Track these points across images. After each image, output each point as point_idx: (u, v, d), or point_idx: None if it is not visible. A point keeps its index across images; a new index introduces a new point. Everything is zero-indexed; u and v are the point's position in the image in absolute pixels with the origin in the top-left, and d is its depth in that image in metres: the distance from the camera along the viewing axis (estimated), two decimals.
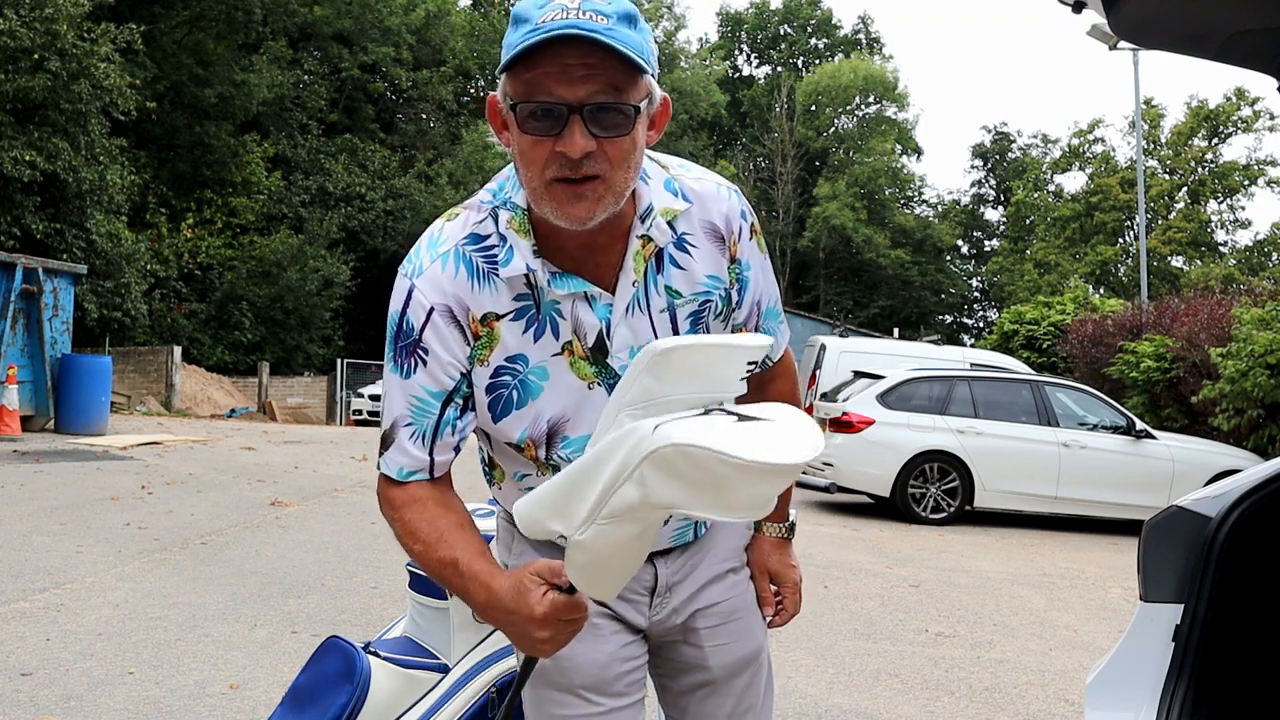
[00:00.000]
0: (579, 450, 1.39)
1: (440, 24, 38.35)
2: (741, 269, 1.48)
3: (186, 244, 27.33)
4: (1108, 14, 1.88)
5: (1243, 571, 2.23)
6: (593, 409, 1.39)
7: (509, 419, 1.42)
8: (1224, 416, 11.04)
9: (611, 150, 1.27)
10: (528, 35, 1.22)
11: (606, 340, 1.39)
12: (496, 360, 1.39)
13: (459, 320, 1.38)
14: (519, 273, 1.36)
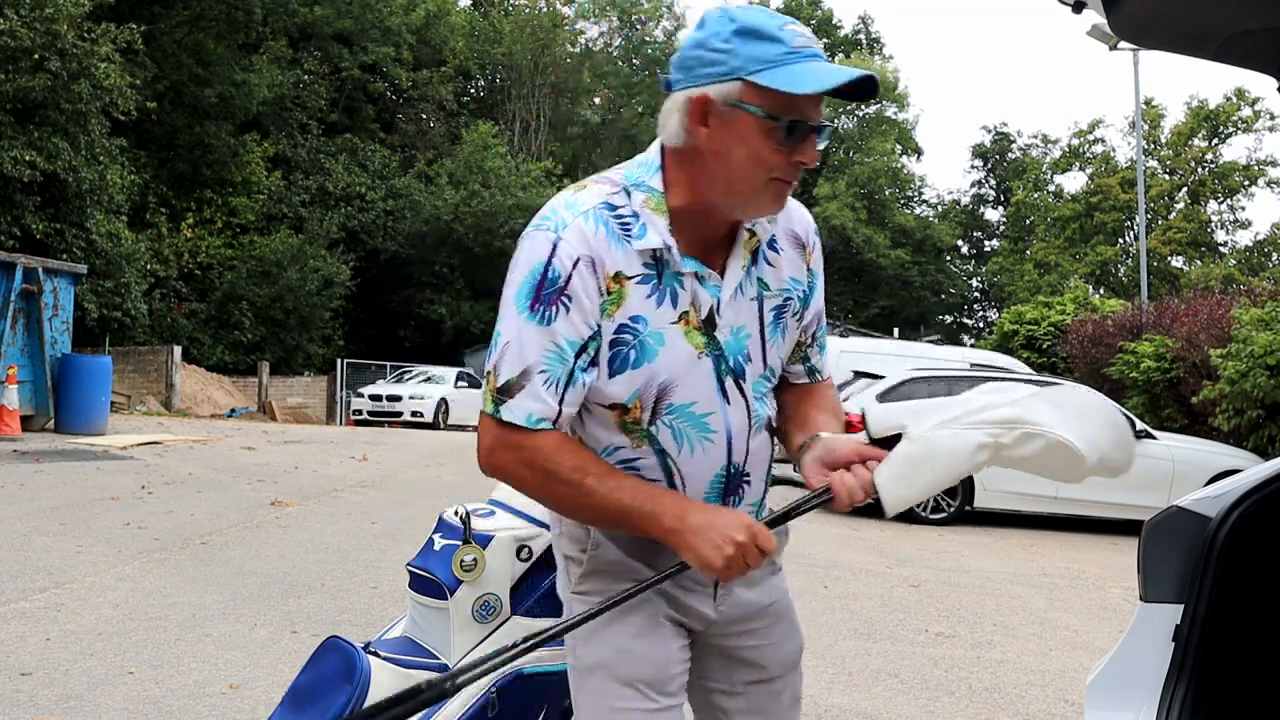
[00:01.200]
0: (683, 415, 1.51)
1: (440, 24, 38.36)
2: (813, 278, 1.65)
3: (186, 244, 27.33)
4: (1108, 14, 1.88)
5: (1243, 571, 2.23)
6: (697, 377, 1.51)
7: (623, 376, 1.49)
8: (1224, 417, 11.03)
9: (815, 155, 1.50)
10: (790, 58, 1.40)
11: (716, 316, 1.52)
12: (621, 318, 1.48)
13: (597, 274, 1.46)
14: (653, 246, 1.48)
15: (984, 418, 1.48)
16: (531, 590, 2.05)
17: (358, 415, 23.67)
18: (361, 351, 30.98)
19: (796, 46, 1.40)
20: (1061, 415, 1.49)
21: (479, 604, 2.00)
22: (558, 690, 2.07)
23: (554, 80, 41.81)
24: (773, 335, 1.59)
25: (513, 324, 1.46)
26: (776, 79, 1.38)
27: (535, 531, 2.07)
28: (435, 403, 23.22)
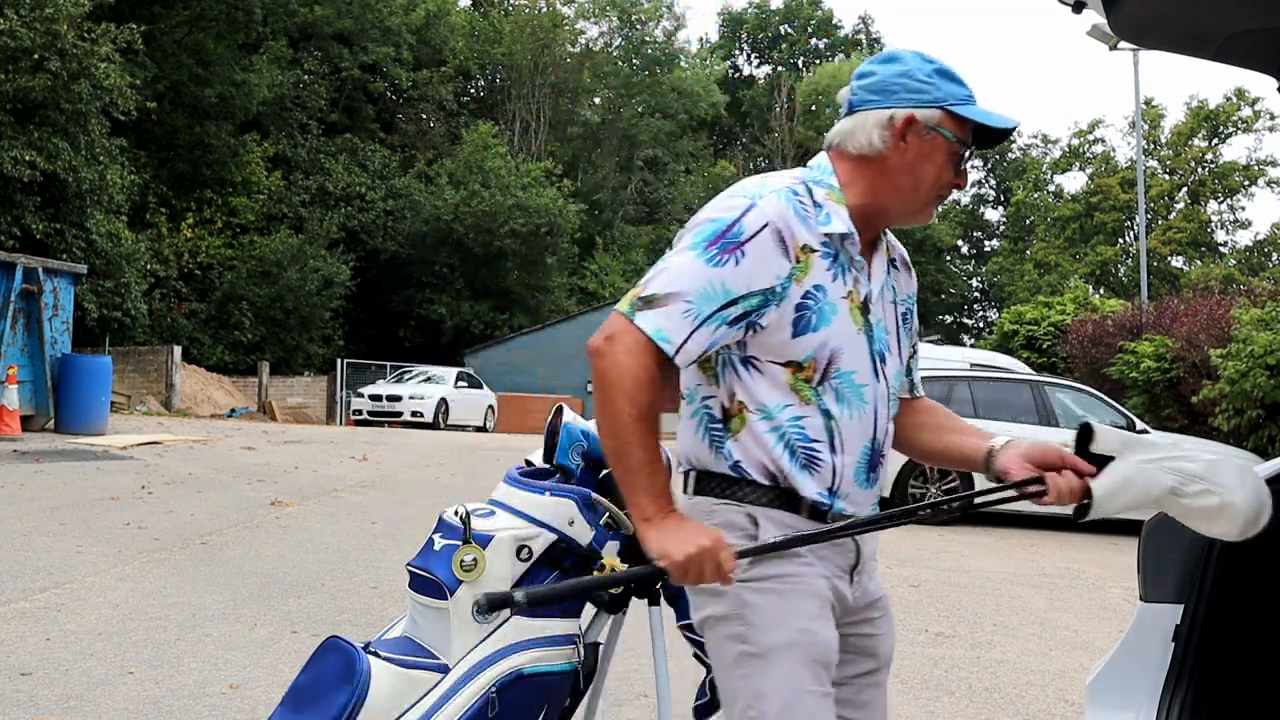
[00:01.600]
0: (847, 382, 1.68)
1: (440, 24, 38.36)
2: (913, 303, 1.85)
3: (186, 244, 27.33)
4: (1108, 14, 1.88)
5: (1243, 571, 2.23)
6: (858, 350, 1.69)
7: (804, 337, 1.65)
8: (1224, 417, 11.03)
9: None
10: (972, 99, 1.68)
11: (870, 304, 1.72)
12: (807, 285, 1.65)
13: (785, 242, 1.63)
14: (839, 231, 1.67)
15: (1179, 466, 1.68)
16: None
17: (358, 415, 23.67)
18: (361, 351, 30.97)
19: (972, 92, 1.69)
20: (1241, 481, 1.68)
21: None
22: (558, 690, 2.07)
23: (554, 80, 41.81)
24: (904, 335, 1.82)
25: (680, 257, 1.62)
26: (972, 113, 1.66)
27: (535, 531, 2.07)
28: (435, 403, 23.21)
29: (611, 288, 37.93)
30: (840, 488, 1.70)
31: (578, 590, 1.65)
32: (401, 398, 23.26)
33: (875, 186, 1.69)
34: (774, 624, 1.63)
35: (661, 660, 2.26)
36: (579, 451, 2.21)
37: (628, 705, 3.83)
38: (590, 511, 2.11)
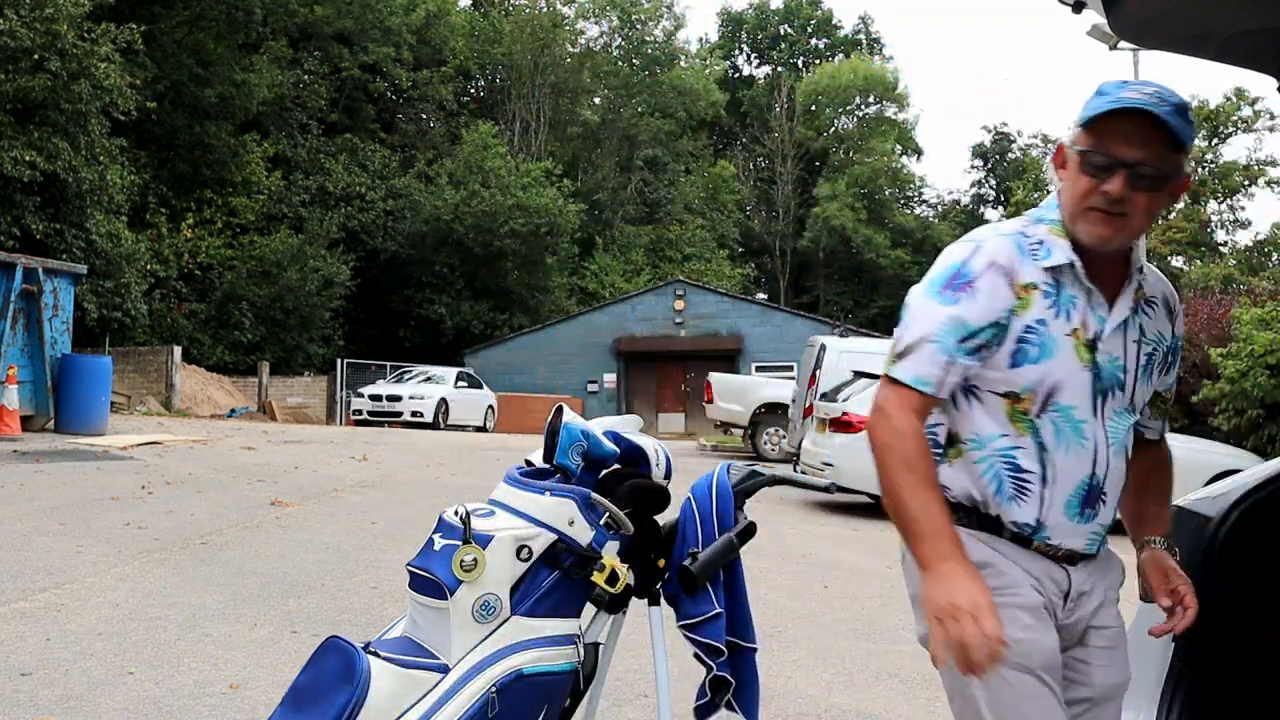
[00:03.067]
0: (1065, 415, 1.75)
1: (440, 24, 38.37)
2: (1177, 342, 1.88)
3: (186, 244, 27.32)
4: (1108, 14, 1.88)
5: (1243, 571, 2.23)
6: (1080, 385, 1.75)
7: (1023, 369, 1.74)
8: (1224, 416, 11.03)
9: (1140, 201, 1.68)
10: (1103, 104, 1.66)
11: (1099, 341, 1.76)
12: (1027, 319, 1.74)
13: (1008, 280, 1.74)
14: (1059, 262, 1.74)
15: None
16: (531, 590, 2.05)
17: (358, 415, 23.67)
18: (361, 351, 30.96)
19: (1121, 97, 1.65)
20: None
21: (479, 604, 2.00)
22: (558, 690, 2.07)
23: (554, 80, 41.81)
24: (1143, 376, 1.82)
25: (921, 303, 1.77)
26: (1088, 109, 1.69)
27: (535, 531, 2.07)
28: (435, 403, 23.21)
29: (611, 288, 37.91)
30: (1048, 519, 1.77)
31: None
32: (401, 398, 23.26)
33: (1065, 214, 1.78)
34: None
35: (661, 660, 2.26)
36: (579, 451, 2.21)
37: (628, 705, 3.83)
38: (590, 511, 2.11)
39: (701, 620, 2.22)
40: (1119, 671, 1.89)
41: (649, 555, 2.27)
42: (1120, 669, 1.89)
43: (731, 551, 2.21)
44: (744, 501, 2.31)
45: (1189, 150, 1.70)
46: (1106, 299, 1.77)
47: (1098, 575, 1.88)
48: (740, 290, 39.32)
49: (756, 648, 2.33)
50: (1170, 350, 1.88)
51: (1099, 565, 1.89)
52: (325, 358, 29.44)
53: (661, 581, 2.29)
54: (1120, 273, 1.79)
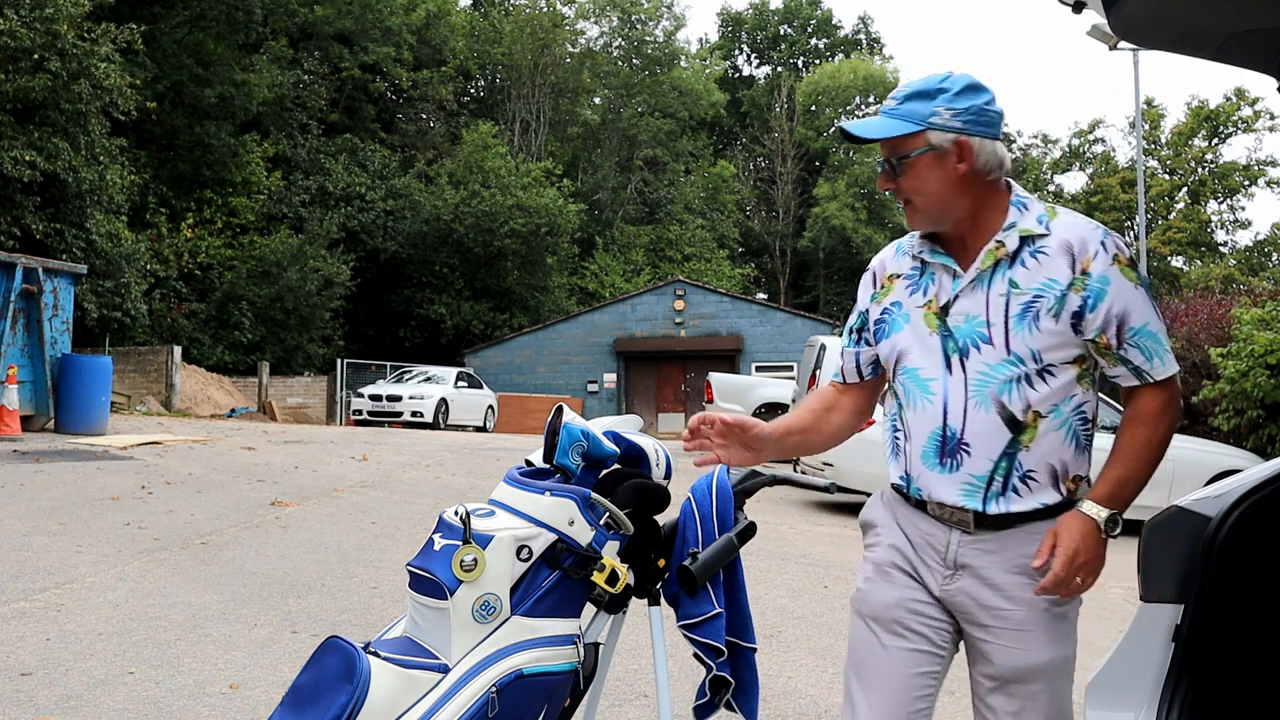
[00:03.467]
0: (912, 376, 2.00)
1: (440, 24, 38.36)
2: (1095, 282, 1.88)
3: (186, 244, 27.31)
4: (1108, 14, 1.88)
5: (1243, 571, 2.23)
6: (926, 348, 1.99)
7: (881, 343, 2.08)
8: (1224, 416, 11.03)
9: (908, 185, 1.96)
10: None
11: (951, 305, 1.96)
12: (886, 303, 2.08)
13: (874, 277, 2.12)
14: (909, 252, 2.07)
15: None
16: (531, 590, 2.05)
17: (358, 415, 23.66)
18: (361, 351, 30.95)
19: (883, 107, 2.00)
20: None
21: (479, 604, 2.00)
22: (558, 690, 2.07)
23: (554, 80, 41.80)
24: (1018, 326, 1.90)
25: None
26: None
27: (535, 531, 2.07)
28: (435, 403, 23.21)
29: (611, 288, 37.92)
30: (912, 471, 2.01)
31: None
32: (401, 398, 23.26)
33: None
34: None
35: (661, 660, 2.26)
36: (579, 451, 2.21)
37: (628, 705, 3.83)
38: (590, 511, 2.11)
39: (701, 620, 2.22)
40: (1028, 654, 1.92)
41: (649, 555, 2.27)
42: (1030, 652, 1.91)
43: (731, 551, 2.21)
44: (744, 501, 2.31)
45: (933, 123, 1.91)
46: (964, 265, 1.97)
47: (987, 555, 1.93)
48: (740, 290, 39.32)
49: (756, 648, 2.33)
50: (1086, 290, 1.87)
51: (988, 544, 1.93)
52: (325, 358, 29.44)
53: (661, 581, 2.29)
54: (984, 240, 1.96)
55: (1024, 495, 1.91)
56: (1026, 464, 1.91)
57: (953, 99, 1.93)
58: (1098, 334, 1.88)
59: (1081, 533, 1.86)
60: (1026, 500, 1.92)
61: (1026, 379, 1.89)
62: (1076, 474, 1.96)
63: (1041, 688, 1.93)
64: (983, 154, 1.94)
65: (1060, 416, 1.91)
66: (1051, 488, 1.93)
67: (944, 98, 1.92)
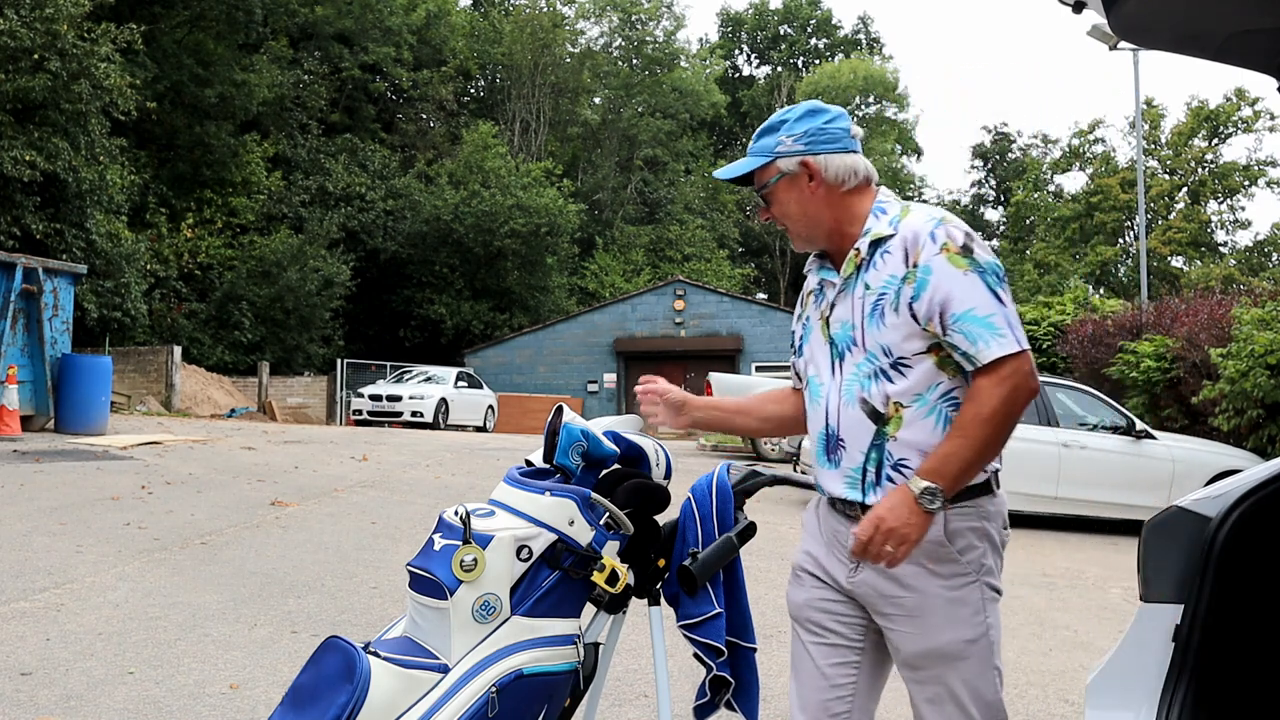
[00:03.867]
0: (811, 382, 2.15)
1: (441, 24, 38.36)
2: (920, 272, 1.95)
3: (186, 244, 27.31)
4: (1108, 14, 1.88)
5: (1243, 571, 2.23)
6: (823, 356, 2.11)
7: (801, 354, 2.22)
8: (1224, 417, 11.01)
9: (777, 211, 2.14)
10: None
11: (829, 313, 2.10)
12: (803, 318, 2.21)
13: (801, 295, 2.25)
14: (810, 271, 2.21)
15: None
16: (531, 590, 2.05)
17: (358, 415, 23.66)
18: (361, 351, 30.94)
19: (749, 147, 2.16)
20: None
21: (479, 604, 2.00)
22: (558, 690, 2.07)
23: (554, 80, 41.79)
24: (870, 324, 2.01)
25: None
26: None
27: (535, 531, 2.07)
28: (435, 403, 23.21)
29: (611, 288, 37.91)
30: (813, 470, 2.15)
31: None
32: (401, 398, 23.25)
33: None
34: None
35: (661, 660, 2.26)
36: (579, 451, 2.21)
37: (628, 705, 3.83)
38: (590, 511, 2.11)
39: (701, 620, 2.22)
40: (927, 639, 1.98)
41: (649, 555, 2.27)
42: (927, 636, 1.98)
43: (731, 551, 2.21)
44: (744, 501, 2.31)
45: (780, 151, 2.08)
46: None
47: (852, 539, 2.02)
48: (740, 290, 39.31)
49: (756, 648, 2.33)
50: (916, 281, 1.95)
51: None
52: (325, 358, 29.44)
53: (661, 581, 2.29)
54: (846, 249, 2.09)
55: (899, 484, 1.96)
56: (897, 453, 1.98)
57: (793, 125, 2.09)
58: (926, 322, 1.94)
59: (892, 502, 1.89)
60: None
61: (883, 373, 1.99)
62: None
63: (946, 672, 1.98)
64: (830, 168, 2.06)
65: (925, 404, 1.97)
66: None
67: (785, 127, 2.10)
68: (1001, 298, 1.93)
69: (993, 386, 1.89)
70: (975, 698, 1.98)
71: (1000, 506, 2.06)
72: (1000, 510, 2.06)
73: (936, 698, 2.01)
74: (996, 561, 2.07)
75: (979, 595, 2.01)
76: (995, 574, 2.06)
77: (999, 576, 2.07)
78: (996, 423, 1.89)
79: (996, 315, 1.91)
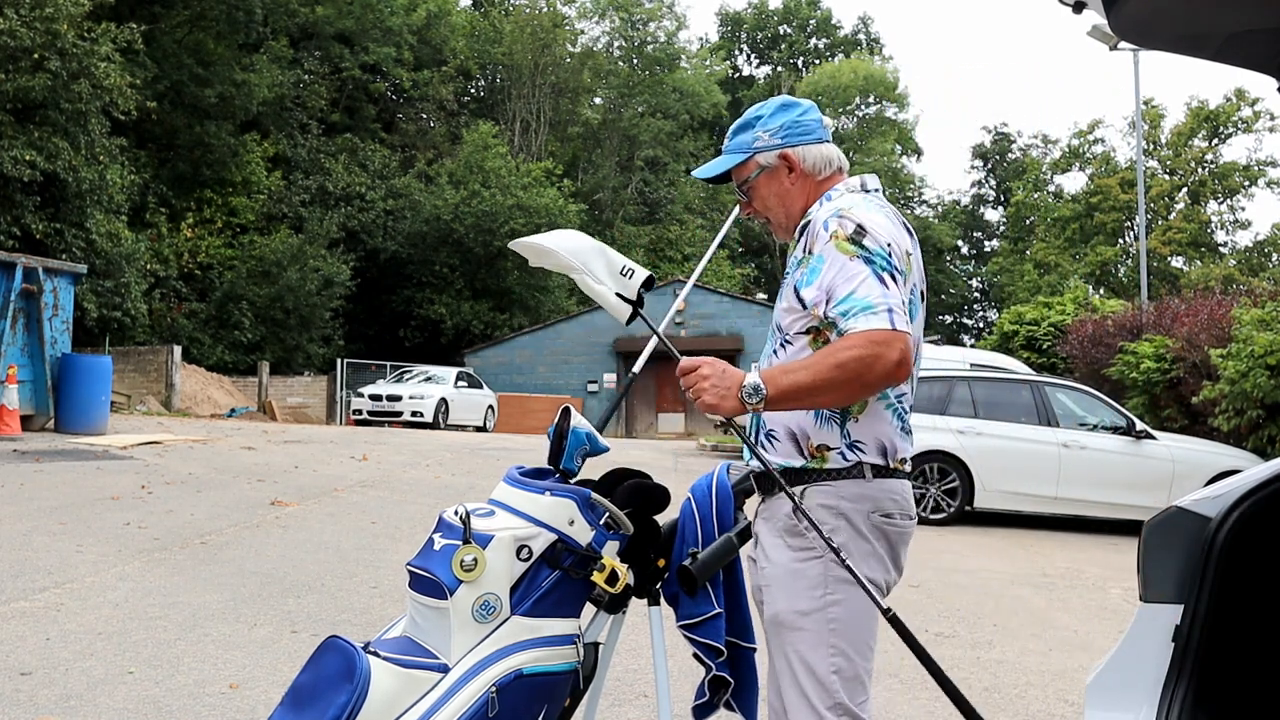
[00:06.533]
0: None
1: (441, 24, 38.35)
2: (814, 261, 2.04)
3: (186, 244, 27.32)
4: (1108, 14, 1.88)
5: (1243, 571, 2.23)
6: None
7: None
8: (1224, 417, 11.01)
9: (758, 205, 2.23)
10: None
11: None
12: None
13: None
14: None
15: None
16: (531, 590, 2.05)
17: (358, 415, 23.66)
18: (361, 351, 30.93)
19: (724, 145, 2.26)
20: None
21: (479, 604, 2.00)
22: (558, 690, 2.07)
23: (554, 80, 41.79)
24: (779, 302, 2.15)
25: None
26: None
27: (535, 531, 2.07)
28: (435, 402, 23.21)
29: None
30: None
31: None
32: (401, 398, 23.25)
33: None
34: None
35: (661, 660, 2.26)
36: (583, 454, 2.21)
37: (628, 705, 3.83)
38: (590, 511, 2.11)
39: (701, 620, 2.22)
40: (771, 605, 2.09)
41: (649, 555, 2.27)
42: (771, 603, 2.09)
43: (731, 551, 2.21)
44: (744, 501, 2.31)
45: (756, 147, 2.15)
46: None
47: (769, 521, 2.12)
48: (740, 290, 39.30)
49: (756, 648, 2.33)
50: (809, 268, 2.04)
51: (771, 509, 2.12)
52: (325, 358, 29.44)
53: (661, 581, 2.29)
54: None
55: (770, 453, 2.09)
56: (768, 424, 2.12)
57: (768, 121, 2.16)
58: (813, 306, 2.01)
59: (724, 365, 1.96)
60: (773, 459, 2.09)
61: (778, 348, 2.12)
62: (821, 443, 2.05)
63: (783, 641, 2.06)
64: (808, 158, 2.16)
65: None
66: (794, 451, 2.07)
67: (761, 122, 2.17)
68: (886, 284, 1.93)
69: (855, 343, 1.89)
70: (805, 669, 2.02)
71: (873, 492, 2.04)
72: (872, 495, 2.04)
73: (776, 668, 2.09)
74: (861, 545, 2.04)
75: (821, 571, 2.03)
76: (856, 556, 2.02)
77: (867, 562, 2.04)
78: (844, 373, 1.87)
79: (877, 300, 1.91)
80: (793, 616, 2.03)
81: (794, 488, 2.03)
